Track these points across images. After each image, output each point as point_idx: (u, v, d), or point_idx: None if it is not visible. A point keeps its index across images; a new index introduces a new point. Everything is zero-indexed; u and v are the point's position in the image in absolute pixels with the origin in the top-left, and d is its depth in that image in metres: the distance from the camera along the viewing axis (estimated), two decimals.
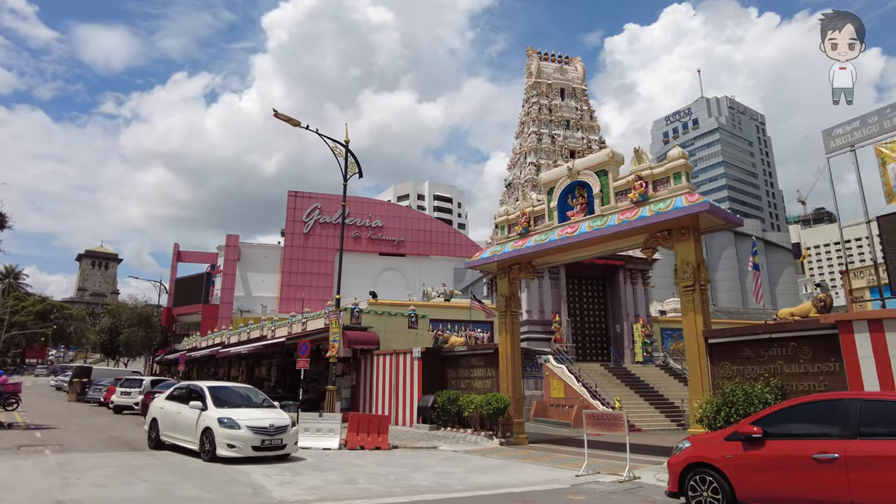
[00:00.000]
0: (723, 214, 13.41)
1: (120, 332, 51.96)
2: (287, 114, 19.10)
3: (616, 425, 10.50)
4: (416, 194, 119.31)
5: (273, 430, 11.97)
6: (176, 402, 13.47)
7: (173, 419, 13.18)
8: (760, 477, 6.78)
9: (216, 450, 11.45)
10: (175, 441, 13.00)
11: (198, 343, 40.71)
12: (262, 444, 11.67)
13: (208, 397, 12.63)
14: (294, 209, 62.97)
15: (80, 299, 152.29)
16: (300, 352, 19.24)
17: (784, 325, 11.49)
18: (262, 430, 11.84)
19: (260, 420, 12.04)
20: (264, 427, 11.89)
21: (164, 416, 13.56)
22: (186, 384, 14.40)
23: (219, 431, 11.56)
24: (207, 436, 11.77)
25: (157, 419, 13.83)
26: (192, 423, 12.33)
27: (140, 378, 27.77)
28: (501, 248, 17.58)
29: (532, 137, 32.75)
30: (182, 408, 12.94)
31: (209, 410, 12.20)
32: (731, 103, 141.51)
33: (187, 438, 12.54)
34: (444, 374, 19.51)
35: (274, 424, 12.05)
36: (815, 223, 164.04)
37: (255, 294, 62.47)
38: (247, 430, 11.64)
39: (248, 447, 11.53)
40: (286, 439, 12.15)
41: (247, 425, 11.71)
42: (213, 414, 12.02)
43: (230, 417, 11.80)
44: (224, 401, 12.75)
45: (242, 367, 30.34)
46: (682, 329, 34.89)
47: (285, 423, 12.32)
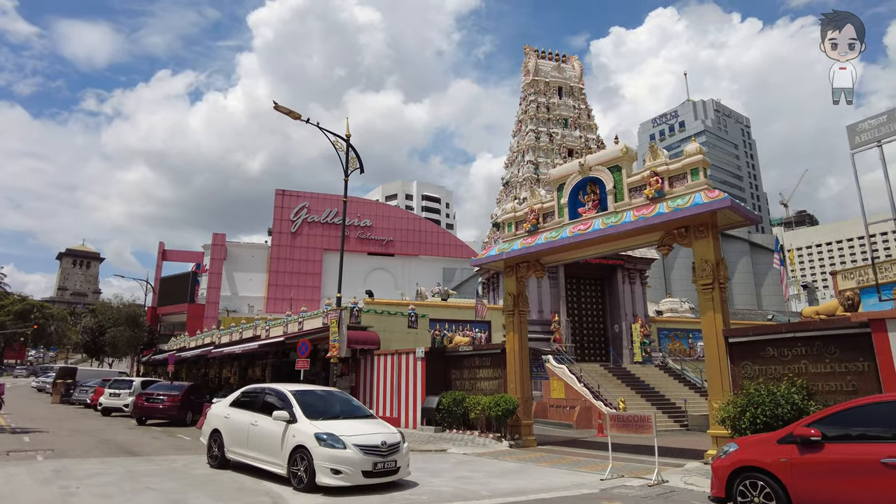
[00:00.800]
0: (743, 211, 13.12)
1: (105, 331, 50.67)
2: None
3: (644, 427, 10.13)
4: (404, 194, 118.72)
5: (386, 450, 9.32)
6: (247, 411, 10.76)
7: (244, 432, 10.48)
8: (820, 483, 6.42)
9: (315, 476, 8.84)
10: (249, 461, 10.33)
11: (187, 343, 39.79)
12: (374, 469, 9.06)
13: (296, 405, 9.94)
14: (282, 208, 62.18)
15: (61, 299, 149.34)
16: (300, 352, 18.70)
17: (811, 323, 11.20)
18: (373, 449, 9.19)
19: (368, 436, 9.41)
20: (375, 446, 9.24)
21: (232, 428, 10.88)
22: (259, 387, 11.52)
23: (318, 452, 8.93)
24: (301, 457, 9.14)
25: (220, 431, 11.13)
26: (276, 439, 9.70)
27: (129, 379, 26.92)
28: (509, 245, 17.15)
29: (530, 136, 32.43)
30: (258, 418, 10.30)
31: (300, 423, 9.54)
32: (717, 106, 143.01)
33: (268, 459, 9.85)
34: (448, 374, 19.05)
35: (386, 442, 9.42)
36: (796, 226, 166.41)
37: (242, 294, 61.57)
38: (355, 450, 9.01)
39: (358, 473, 8.90)
40: (400, 460, 9.51)
41: (353, 443, 9.07)
42: (307, 428, 9.36)
43: (331, 433, 9.16)
44: (315, 409, 10.13)
45: (235, 368, 29.61)
46: (679, 329, 34.99)
47: (397, 440, 9.69)
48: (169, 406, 20.78)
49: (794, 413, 10.30)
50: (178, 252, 73.88)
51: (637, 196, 14.55)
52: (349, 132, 19.92)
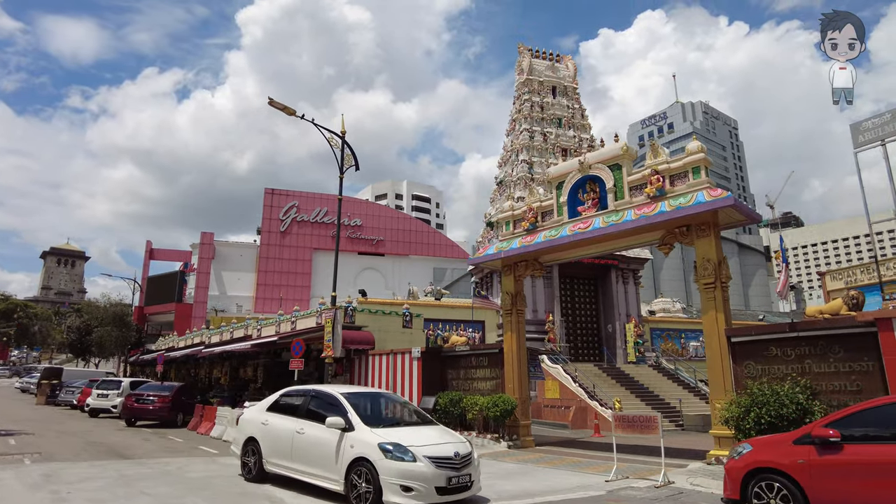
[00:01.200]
0: (745, 210, 13.07)
1: (91, 331, 49.84)
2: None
3: (650, 428, 10.00)
4: (394, 193, 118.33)
5: (459, 462, 8.15)
6: (290, 416, 9.51)
7: (288, 442, 9.23)
8: (840, 484, 6.30)
9: (382, 494, 7.67)
10: (295, 475, 9.06)
11: (175, 343, 39.22)
12: (448, 485, 7.89)
13: (351, 411, 8.72)
14: (271, 207, 61.60)
15: (45, 298, 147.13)
16: (294, 352, 18.39)
17: (815, 322, 11.14)
18: (446, 462, 8.01)
19: (439, 446, 8.23)
20: (448, 457, 8.07)
21: (272, 437, 9.61)
22: (302, 389, 10.27)
23: (384, 466, 7.76)
24: (363, 472, 7.94)
25: (257, 440, 9.85)
26: (329, 450, 8.49)
27: (118, 379, 26.43)
28: (507, 244, 16.98)
29: (524, 135, 32.31)
30: (304, 424, 9.11)
31: (358, 431, 8.37)
32: (706, 108, 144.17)
33: (319, 473, 8.63)
34: (445, 374, 18.84)
35: (459, 452, 8.26)
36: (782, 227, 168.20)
37: (231, 293, 60.92)
38: (426, 463, 7.82)
39: (432, 490, 7.73)
40: (473, 473, 8.39)
41: (424, 455, 7.90)
42: (368, 437, 8.19)
43: (398, 443, 7.98)
44: (371, 415, 9.07)
45: (226, 368, 29.17)
46: (671, 329, 35.01)
47: (469, 450, 8.56)
48: (159, 407, 20.39)
49: (798, 413, 10.23)
50: (166, 251, 72.92)
51: (638, 194, 14.44)
52: (344, 128, 19.64)
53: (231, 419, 17.62)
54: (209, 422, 18.78)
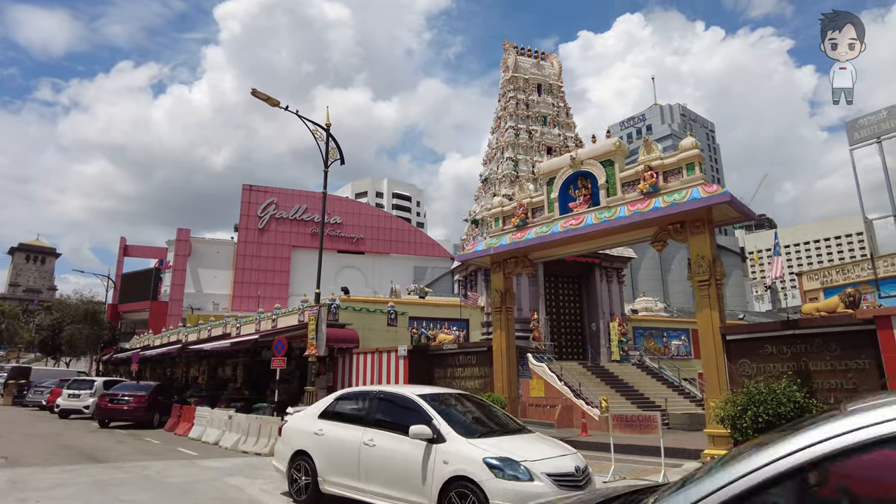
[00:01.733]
0: (741, 207, 12.93)
1: (62, 329, 48.30)
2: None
3: (649, 427, 9.78)
4: (374, 192, 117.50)
5: (582, 480, 6.70)
6: (352, 425, 7.82)
7: (354, 456, 7.52)
8: None
9: None
10: (366, 497, 7.32)
11: (151, 341, 38.17)
12: None
13: (436, 416, 7.09)
14: (249, 203, 60.52)
15: (13, 295, 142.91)
16: (276, 350, 17.88)
17: (813, 320, 11.05)
18: (569, 480, 6.50)
19: (555, 461, 6.68)
20: (570, 474, 6.59)
21: (330, 450, 7.89)
22: (365, 391, 8.50)
23: (493, 487, 6.16)
24: (467, 495, 6.32)
25: (309, 454, 8.08)
26: (413, 466, 6.87)
27: (90, 379, 25.51)
28: (497, 240, 16.67)
29: (509, 132, 32.08)
30: (374, 434, 7.45)
31: (451, 443, 6.75)
32: (684, 111, 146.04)
33: (401, 496, 6.97)
34: (432, 373, 18.47)
35: (580, 467, 6.84)
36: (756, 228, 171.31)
37: (207, 291, 59.71)
38: (547, 482, 6.26)
39: None
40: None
41: (543, 472, 6.35)
42: (468, 451, 6.60)
43: (507, 457, 6.40)
44: (463, 423, 7.43)
45: (204, 367, 28.38)
46: (654, 328, 35.10)
47: (586, 463, 7.21)
48: (135, 407, 19.66)
49: (796, 411, 10.08)
50: (141, 248, 71.22)
51: (630, 191, 14.24)
52: (329, 121, 19.14)
53: (210, 419, 17.05)
54: (187, 422, 18.15)
